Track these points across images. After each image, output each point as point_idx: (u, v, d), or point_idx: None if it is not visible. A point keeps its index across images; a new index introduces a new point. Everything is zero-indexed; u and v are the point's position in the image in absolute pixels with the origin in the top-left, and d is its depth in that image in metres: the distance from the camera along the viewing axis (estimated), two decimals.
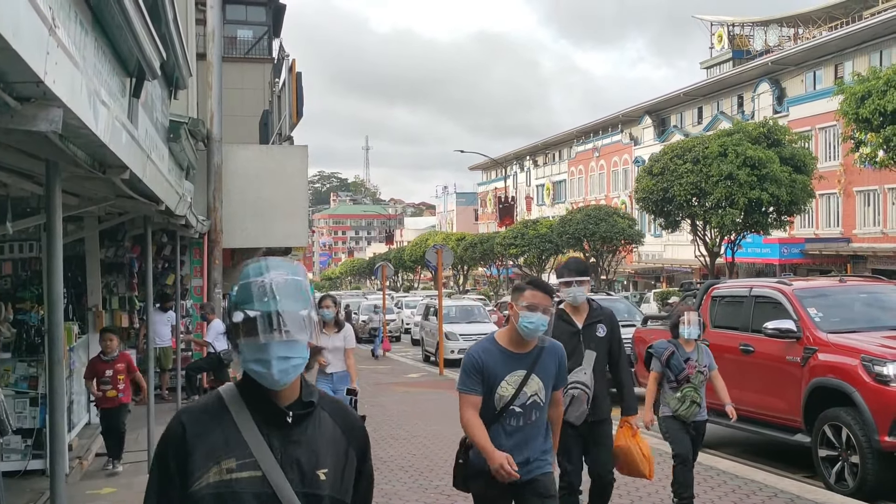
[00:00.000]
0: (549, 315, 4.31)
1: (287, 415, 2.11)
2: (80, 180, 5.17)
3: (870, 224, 36.15)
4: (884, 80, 20.40)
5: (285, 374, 2.06)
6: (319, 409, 2.19)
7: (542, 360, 4.35)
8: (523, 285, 4.40)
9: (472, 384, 4.33)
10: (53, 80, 2.54)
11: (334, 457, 2.17)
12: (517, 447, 4.31)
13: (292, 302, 2.07)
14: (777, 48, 50.95)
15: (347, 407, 2.32)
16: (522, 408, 4.31)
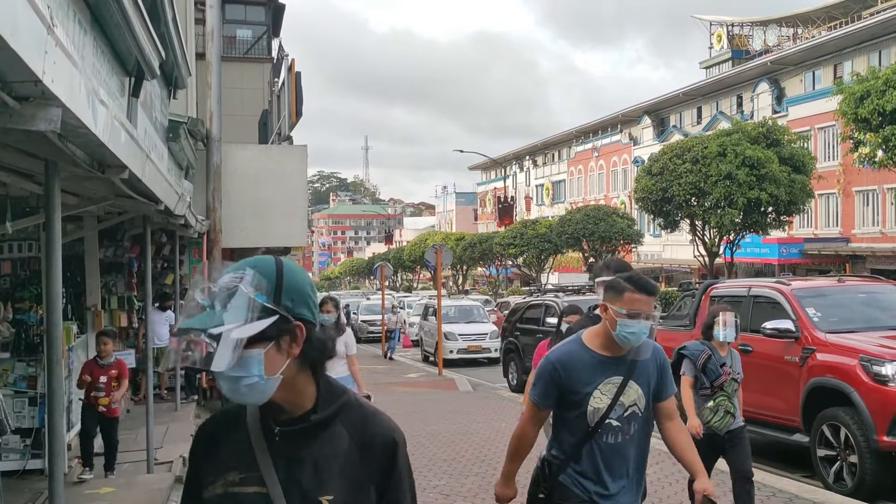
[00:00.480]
0: (652, 321, 3.63)
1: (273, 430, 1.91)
2: (79, 180, 5.17)
3: (869, 224, 36.16)
4: (883, 79, 20.40)
5: (238, 395, 1.82)
6: (339, 422, 1.93)
7: (639, 364, 3.71)
8: (622, 285, 3.65)
9: (546, 396, 3.71)
10: (52, 80, 2.54)
11: (345, 481, 1.89)
12: (613, 468, 3.70)
13: (216, 318, 1.79)
14: (776, 48, 50.96)
15: (375, 420, 1.98)
16: (620, 420, 3.66)
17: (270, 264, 1.86)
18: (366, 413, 1.98)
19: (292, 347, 1.84)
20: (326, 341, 1.94)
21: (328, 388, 1.95)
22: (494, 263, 57.64)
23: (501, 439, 10.70)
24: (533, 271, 49.90)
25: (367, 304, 37.25)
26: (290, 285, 1.86)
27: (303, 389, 1.91)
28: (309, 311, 1.88)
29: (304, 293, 1.88)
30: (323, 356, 1.92)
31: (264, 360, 1.80)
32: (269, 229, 16.25)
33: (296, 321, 1.84)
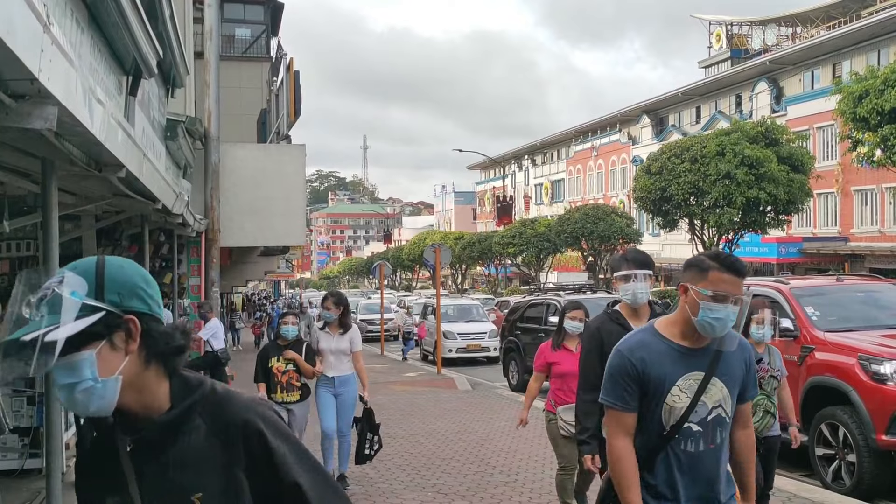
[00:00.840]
0: (740, 306, 3.09)
1: (126, 442, 1.78)
2: (76, 178, 5.17)
3: (867, 223, 36.17)
4: (881, 79, 20.41)
5: (77, 404, 1.69)
6: (196, 415, 1.78)
7: (724, 358, 3.15)
8: (706, 262, 3.13)
9: (625, 396, 3.11)
10: (48, 78, 2.54)
11: (212, 474, 1.76)
12: (694, 484, 3.13)
13: (27, 323, 1.67)
14: (775, 47, 50.97)
15: (230, 404, 1.81)
16: (702, 425, 3.10)
17: (89, 263, 1.76)
18: (220, 399, 1.82)
19: (129, 344, 1.72)
20: (172, 333, 1.80)
21: (182, 384, 1.81)
22: (493, 263, 57.64)
23: (500, 438, 10.71)
24: (532, 270, 49.90)
25: (366, 304, 37.20)
26: (115, 279, 1.74)
27: (153, 389, 1.77)
28: (142, 302, 1.76)
29: (133, 285, 1.76)
30: (169, 349, 1.78)
31: (97, 362, 1.67)
32: (268, 228, 16.27)
33: (127, 315, 1.72)
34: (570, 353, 6.56)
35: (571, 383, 5.96)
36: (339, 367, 8.16)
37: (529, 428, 11.45)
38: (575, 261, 49.76)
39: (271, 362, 8.03)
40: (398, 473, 8.79)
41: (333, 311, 8.11)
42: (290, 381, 8.03)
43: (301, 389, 8.11)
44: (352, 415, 8.28)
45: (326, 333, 8.20)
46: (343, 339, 8.16)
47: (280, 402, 7.92)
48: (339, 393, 8.18)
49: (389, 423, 12.26)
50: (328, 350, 8.14)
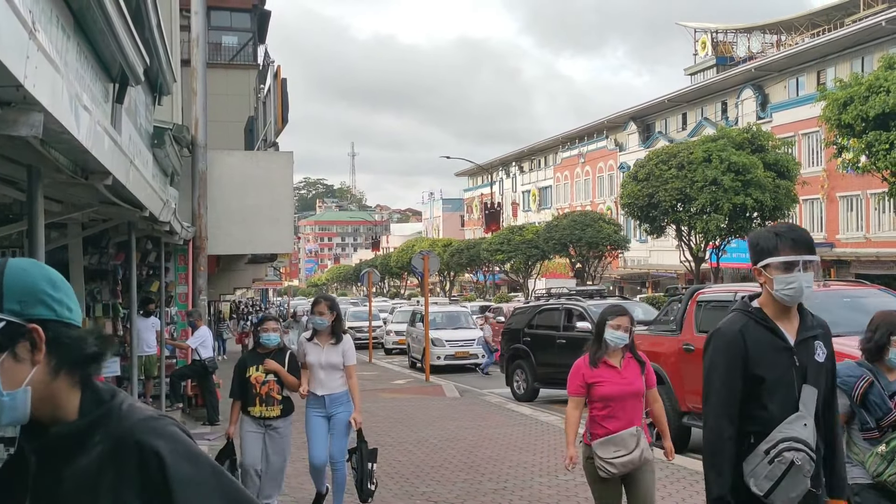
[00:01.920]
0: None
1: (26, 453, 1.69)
2: (62, 186, 5.14)
3: (853, 229, 36.40)
4: (865, 86, 20.56)
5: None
6: (101, 431, 1.65)
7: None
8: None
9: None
10: (33, 85, 2.52)
11: (106, 500, 1.61)
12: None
13: None
14: (760, 55, 51.30)
15: (139, 425, 1.64)
16: None
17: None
18: (122, 415, 1.67)
19: (34, 353, 1.61)
20: (85, 338, 1.69)
21: (93, 395, 1.68)
22: (482, 269, 57.69)
23: (489, 445, 10.69)
24: (520, 277, 49.96)
25: (354, 311, 37.16)
26: (15, 287, 1.63)
27: (62, 400, 1.66)
28: (47, 308, 1.64)
29: (37, 291, 1.64)
30: (80, 356, 1.67)
31: (1, 375, 1.58)
32: (255, 236, 16.21)
33: (31, 324, 1.61)
34: (613, 370, 5.25)
35: (618, 409, 5.13)
36: (330, 384, 7.05)
37: (517, 435, 11.46)
38: (563, 267, 49.87)
39: (249, 372, 7.04)
40: (387, 482, 8.76)
41: (327, 316, 7.03)
42: (271, 392, 6.97)
43: (283, 403, 7.05)
44: (346, 439, 7.24)
45: (315, 345, 7.07)
46: (335, 351, 7.04)
47: (258, 418, 6.94)
48: (331, 414, 7.10)
49: (378, 431, 12.23)
50: (317, 364, 7.02)
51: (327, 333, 7.04)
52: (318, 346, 7.03)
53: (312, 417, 7.14)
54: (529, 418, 13.01)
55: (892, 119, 19.72)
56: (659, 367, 10.76)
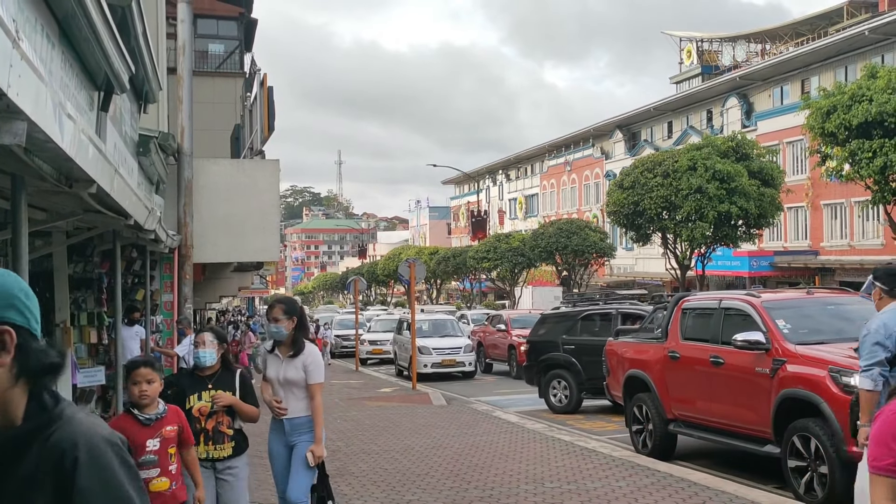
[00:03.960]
0: None
1: None
2: (46, 195, 5.12)
3: (837, 237, 36.64)
4: (848, 94, 20.72)
5: None
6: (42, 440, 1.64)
7: None
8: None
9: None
10: (17, 93, 2.52)
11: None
12: None
13: None
14: (745, 63, 51.65)
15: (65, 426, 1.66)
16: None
17: None
18: (57, 423, 1.66)
19: (1, 356, 1.62)
20: (47, 351, 1.70)
21: (37, 404, 1.67)
22: (468, 277, 57.70)
23: (475, 453, 10.69)
24: (507, 285, 49.99)
25: (340, 319, 37.08)
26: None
27: (12, 406, 1.65)
28: (20, 315, 1.67)
29: (10, 295, 1.67)
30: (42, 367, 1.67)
31: None
32: (242, 244, 16.18)
33: (2, 325, 1.63)
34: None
35: None
36: (290, 406, 5.84)
37: (503, 443, 11.47)
38: (549, 275, 49.95)
39: (190, 402, 5.45)
40: (373, 490, 8.74)
41: (283, 323, 5.76)
42: (219, 427, 5.50)
43: (235, 438, 5.57)
44: (309, 475, 5.88)
45: (275, 357, 5.92)
46: (293, 366, 5.81)
47: (205, 459, 5.36)
48: (294, 442, 5.86)
49: (364, 439, 12.21)
50: (276, 380, 5.87)
51: (287, 344, 5.85)
52: (277, 359, 5.89)
53: (274, 446, 5.96)
54: (516, 426, 13.02)
55: (875, 127, 19.88)
56: (644, 374, 10.81)
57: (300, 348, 5.83)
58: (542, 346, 16.39)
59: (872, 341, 5.54)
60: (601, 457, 10.13)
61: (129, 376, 4.78)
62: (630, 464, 9.65)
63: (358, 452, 11.04)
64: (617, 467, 9.46)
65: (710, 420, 9.63)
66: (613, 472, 9.18)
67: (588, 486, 8.58)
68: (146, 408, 4.71)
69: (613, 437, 12.26)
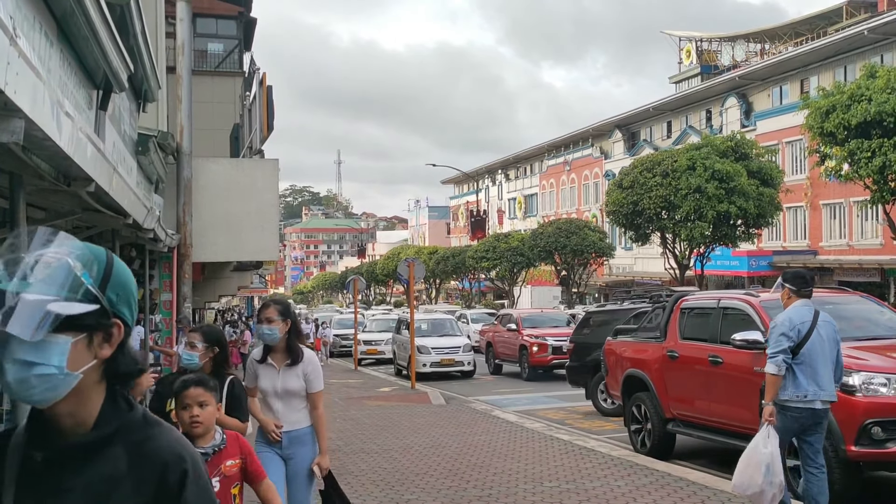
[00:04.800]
0: None
1: (34, 458, 1.59)
2: (45, 193, 5.12)
3: (836, 237, 36.65)
4: (848, 94, 20.72)
5: (24, 387, 1.51)
6: (119, 442, 1.60)
7: None
8: None
9: None
10: (14, 91, 2.52)
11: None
12: None
13: (31, 283, 1.50)
14: (744, 63, 51.67)
15: (160, 437, 1.64)
16: None
17: (99, 251, 1.63)
18: (150, 429, 1.64)
19: (103, 347, 1.59)
20: (136, 356, 1.69)
21: (112, 405, 1.63)
22: (467, 277, 57.71)
23: (474, 453, 10.69)
24: (506, 285, 50.00)
25: (340, 319, 37.09)
26: (118, 277, 1.62)
27: (89, 404, 1.60)
28: (130, 311, 1.64)
29: (129, 291, 1.65)
30: (129, 370, 1.65)
31: (69, 352, 1.53)
32: (241, 243, 16.18)
33: (115, 318, 1.60)
34: None
35: None
36: (289, 418, 5.36)
37: (502, 442, 11.47)
38: (548, 275, 49.97)
39: (169, 405, 4.68)
40: (372, 489, 8.74)
41: (278, 324, 5.22)
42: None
43: None
44: (309, 489, 5.46)
45: (268, 366, 5.36)
46: (292, 375, 5.30)
47: None
48: (290, 455, 5.36)
49: (363, 438, 12.21)
50: (272, 391, 5.33)
51: (282, 350, 5.32)
52: (272, 368, 5.33)
53: (264, 457, 5.11)
54: (515, 425, 13.02)
55: (874, 127, 19.88)
56: (643, 373, 10.81)
57: (298, 355, 5.31)
58: (588, 346, 15.29)
59: (778, 332, 6.55)
60: (600, 456, 10.14)
61: (178, 399, 3.98)
62: (629, 463, 9.66)
63: (357, 451, 11.04)
64: (616, 466, 9.46)
65: (708, 419, 9.63)
66: (612, 472, 9.18)
67: (587, 485, 8.58)
68: (199, 438, 3.87)
69: (612, 436, 12.26)
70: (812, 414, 6.61)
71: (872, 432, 7.42)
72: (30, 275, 1.50)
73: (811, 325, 6.67)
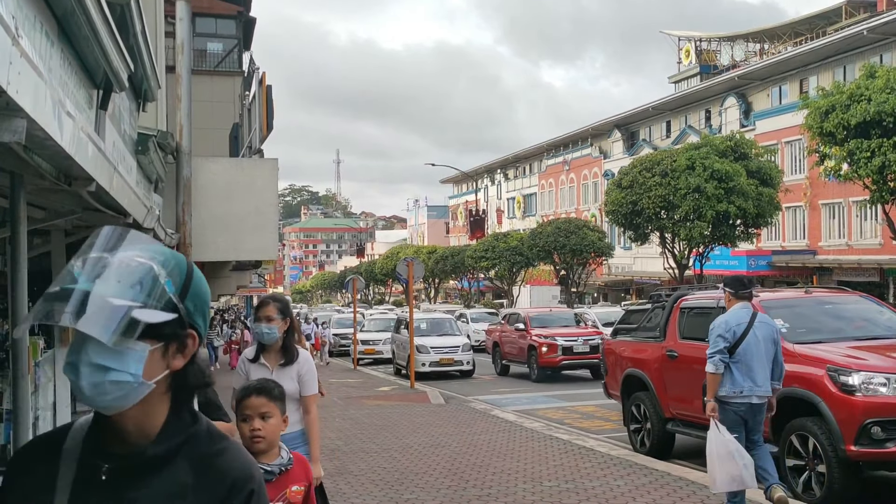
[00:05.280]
0: None
1: (99, 468, 1.54)
2: (45, 193, 5.11)
3: (835, 236, 36.67)
4: (847, 94, 20.73)
5: (98, 392, 1.47)
6: (182, 456, 1.57)
7: None
8: None
9: None
10: (16, 91, 2.52)
11: None
12: None
13: (115, 286, 1.47)
14: (743, 63, 51.68)
15: (227, 452, 1.61)
16: None
17: (181, 259, 1.61)
18: (216, 444, 1.62)
19: (176, 358, 1.56)
20: (205, 370, 1.67)
21: (178, 415, 1.60)
22: (466, 276, 57.70)
23: (473, 452, 10.70)
24: (505, 284, 50.00)
25: (339, 318, 37.09)
26: (197, 287, 1.60)
27: (155, 415, 1.57)
28: (203, 323, 1.62)
29: (205, 302, 1.63)
30: (196, 383, 1.63)
31: (146, 360, 1.50)
32: (240, 243, 16.16)
33: (190, 329, 1.58)
34: None
35: None
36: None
37: (501, 441, 11.47)
38: (547, 274, 49.98)
39: None
40: (371, 489, 8.75)
41: (277, 323, 5.01)
42: None
43: None
44: None
45: (261, 366, 5.08)
46: (286, 376, 4.94)
47: None
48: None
49: (363, 437, 12.21)
50: None
51: (277, 350, 5.07)
52: (264, 368, 5.05)
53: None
54: (514, 425, 13.02)
55: (874, 127, 19.89)
56: (642, 373, 10.82)
57: (293, 356, 5.06)
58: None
59: (716, 334, 7.11)
60: (599, 455, 10.14)
61: (238, 409, 3.54)
62: (628, 462, 9.66)
63: (356, 451, 11.04)
64: (615, 466, 9.47)
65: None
66: (611, 471, 9.19)
67: (586, 484, 8.58)
68: (262, 455, 3.40)
69: (611, 435, 12.27)
70: (750, 408, 7.09)
71: (872, 432, 7.42)
72: (112, 276, 1.47)
73: (747, 326, 7.09)
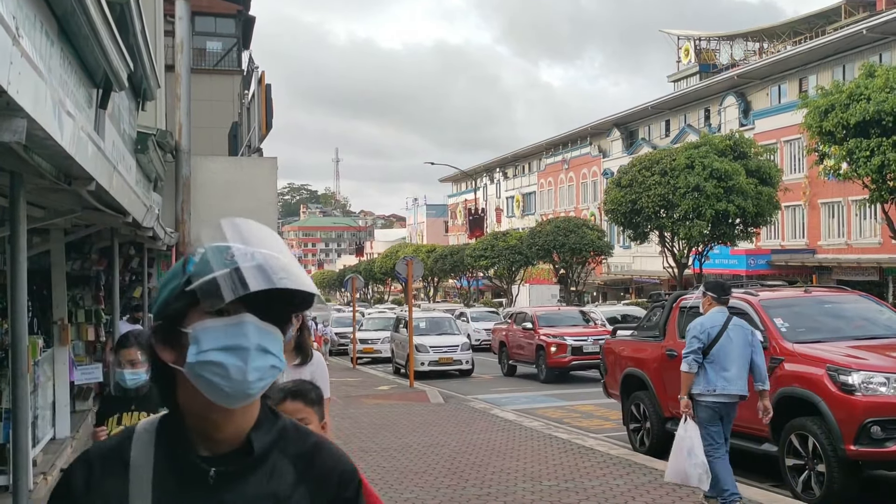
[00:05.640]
0: None
1: (207, 472, 1.45)
2: (45, 192, 5.11)
3: (834, 235, 36.68)
4: (846, 93, 20.74)
5: (257, 378, 1.40)
6: (278, 452, 1.51)
7: None
8: None
9: None
10: (17, 91, 2.52)
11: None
12: None
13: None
14: (743, 62, 51.68)
15: (326, 449, 1.56)
16: None
17: None
18: (310, 441, 1.57)
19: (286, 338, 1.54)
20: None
21: (266, 409, 1.54)
22: (465, 275, 57.70)
23: (473, 451, 10.70)
24: (504, 283, 50.01)
25: (338, 317, 37.08)
26: None
27: (256, 406, 1.50)
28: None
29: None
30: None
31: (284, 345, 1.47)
32: None
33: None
34: None
35: None
36: None
37: (501, 441, 11.47)
38: (546, 273, 49.97)
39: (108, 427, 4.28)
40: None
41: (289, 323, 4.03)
42: None
43: None
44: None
45: None
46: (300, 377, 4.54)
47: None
48: None
49: (362, 437, 12.21)
50: None
51: (290, 349, 4.56)
52: None
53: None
54: (513, 424, 13.02)
55: (873, 126, 19.90)
56: (642, 372, 10.82)
57: (308, 355, 4.68)
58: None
59: (692, 335, 7.46)
60: (599, 455, 10.14)
61: None
62: (627, 462, 9.67)
63: (356, 450, 11.03)
64: (614, 465, 9.47)
65: None
66: (611, 470, 9.19)
67: (585, 484, 8.59)
68: None
69: (611, 435, 12.27)
70: (724, 405, 7.42)
71: (872, 431, 7.42)
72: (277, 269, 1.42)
73: (721, 328, 7.42)
